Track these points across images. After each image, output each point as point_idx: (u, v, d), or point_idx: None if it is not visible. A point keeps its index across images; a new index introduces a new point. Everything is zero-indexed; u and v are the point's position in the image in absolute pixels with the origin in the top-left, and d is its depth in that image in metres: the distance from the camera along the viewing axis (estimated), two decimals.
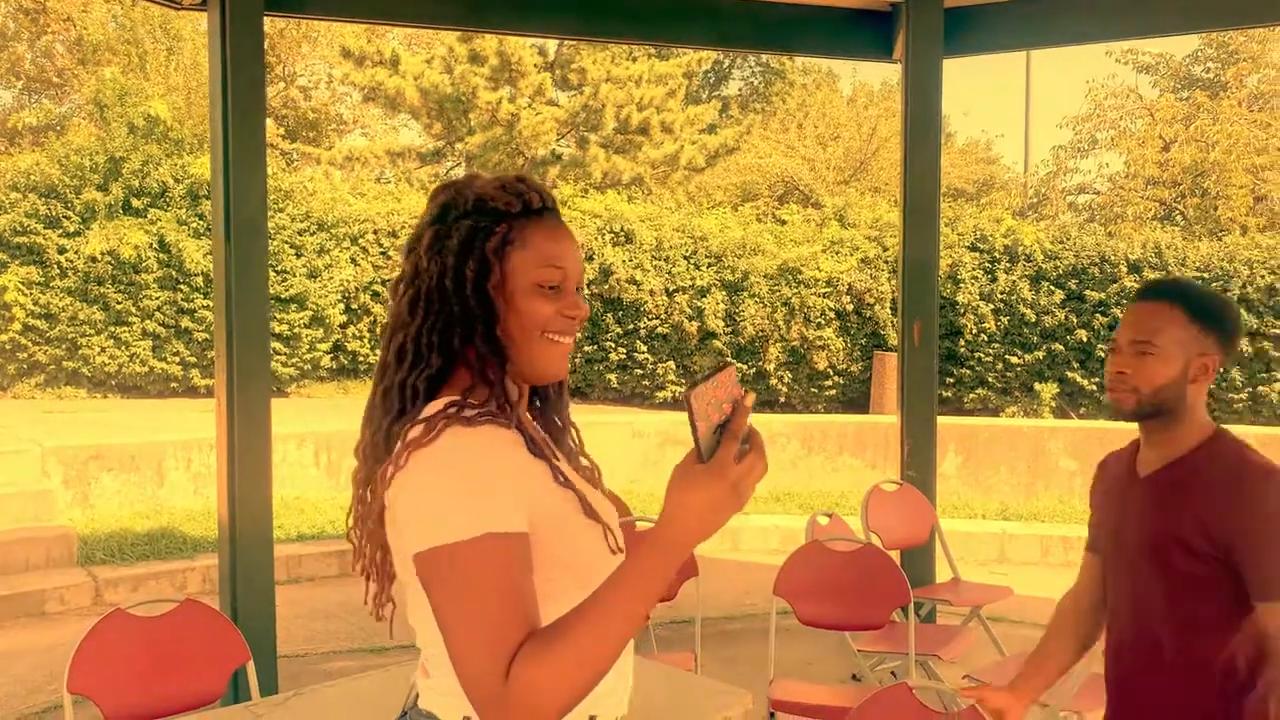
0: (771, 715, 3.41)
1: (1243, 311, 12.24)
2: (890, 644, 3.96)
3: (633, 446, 9.57)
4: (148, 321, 11.93)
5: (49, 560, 6.59)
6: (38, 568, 6.52)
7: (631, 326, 13.10)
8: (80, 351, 11.83)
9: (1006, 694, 2.11)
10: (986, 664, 3.98)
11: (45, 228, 11.76)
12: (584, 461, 1.52)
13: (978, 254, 13.06)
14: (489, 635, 1.18)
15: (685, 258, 13.31)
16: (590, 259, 13.17)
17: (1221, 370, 12.16)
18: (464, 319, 1.35)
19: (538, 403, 1.52)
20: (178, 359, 12.12)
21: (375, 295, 13.21)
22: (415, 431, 1.28)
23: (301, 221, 12.71)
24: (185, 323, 12.03)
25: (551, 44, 20.95)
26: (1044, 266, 12.80)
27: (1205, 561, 1.84)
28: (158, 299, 11.94)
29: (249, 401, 4.36)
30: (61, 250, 11.76)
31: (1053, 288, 12.63)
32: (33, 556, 6.54)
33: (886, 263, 13.06)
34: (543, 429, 1.50)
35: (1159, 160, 21.15)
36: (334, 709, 2.48)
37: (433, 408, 1.31)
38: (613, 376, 13.26)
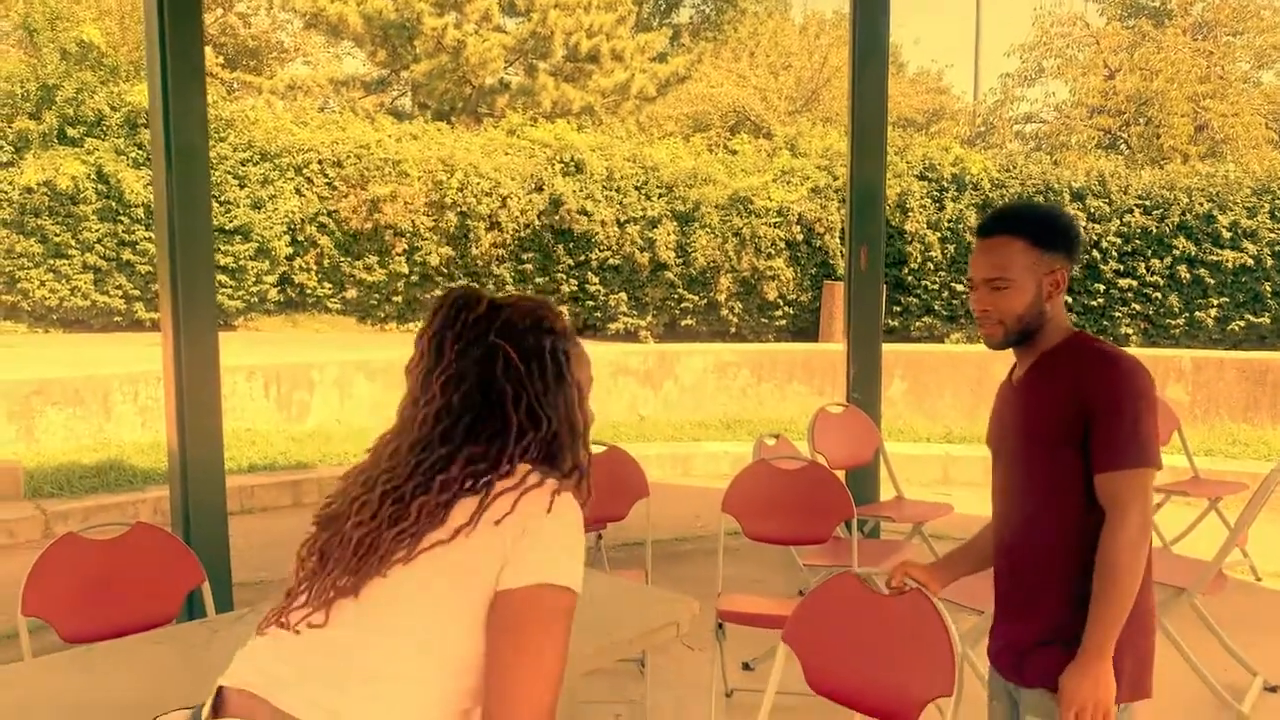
0: (719, 625, 3.52)
1: (1179, 237, 12.51)
2: (834, 558, 4.09)
3: None
4: (88, 254, 11.68)
5: None
6: None
7: (583, 258, 13.07)
8: (19, 285, 11.57)
9: (926, 570, 2.35)
10: None
11: None
12: None
13: (926, 183, 13.17)
14: (559, 673, 1.39)
15: (636, 188, 13.25)
16: (540, 189, 13.07)
17: (1157, 298, 12.49)
18: (568, 420, 1.56)
19: None
20: (120, 292, 11.90)
21: (321, 227, 13.02)
22: (554, 483, 1.47)
23: (244, 151, 12.45)
24: (127, 255, 11.80)
25: None
26: (991, 195, 12.95)
27: (1066, 445, 2.01)
28: (98, 231, 11.68)
29: (195, 330, 4.33)
30: None
31: None
32: None
33: (837, 192, 13.12)
34: None
35: (1103, 89, 21.33)
36: None
37: (529, 469, 1.49)
38: (564, 309, 13.22)
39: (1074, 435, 2.00)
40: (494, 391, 1.49)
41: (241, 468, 7.24)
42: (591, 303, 13.20)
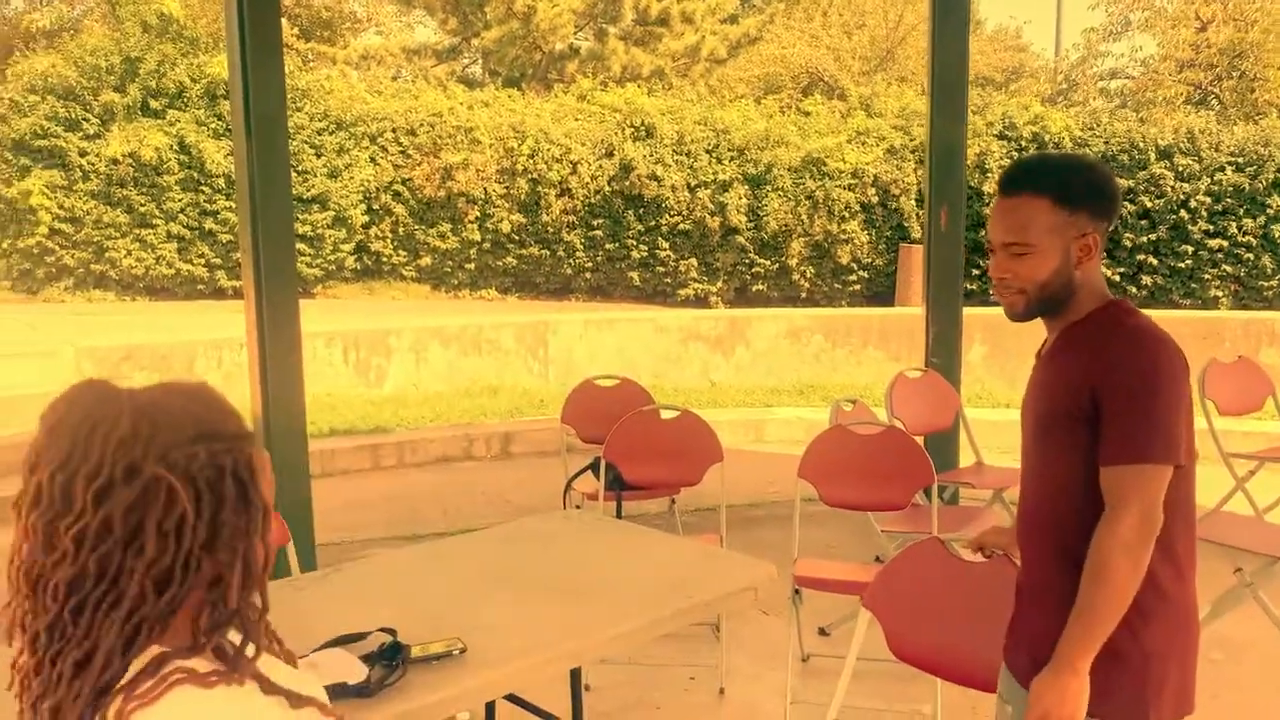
0: (796, 591, 3.50)
1: (1274, 195, 12.01)
2: (913, 524, 4.03)
3: (655, 342, 9.62)
4: (172, 224, 11.98)
5: None
6: None
7: (653, 223, 13.02)
8: (107, 254, 11.92)
9: (1010, 536, 2.20)
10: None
11: (65, 130, 11.74)
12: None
13: (1005, 142, 12.82)
14: None
15: (707, 151, 13.13)
16: (610, 155, 13.03)
17: (1249, 258, 12.03)
18: (244, 562, 1.13)
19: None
20: (203, 261, 12.19)
21: (396, 195, 13.17)
22: (138, 695, 1.06)
23: (320, 121, 12.62)
24: (209, 224, 12.07)
25: None
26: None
27: (1076, 429, 1.79)
28: (181, 201, 11.96)
29: (277, 296, 4.40)
30: (83, 153, 11.76)
31: None
32: None
33: (913, 153, 12.85)
34: None
35: (1194, 41, 20.49)
36: (373, 580, 2.57)
37: (141, 662, 1.08)
38: (634, 274, 13.23)
39: (1084, 419, 1.77)
40: (145, 551, 1.06)
41: (322, 431, 7.38)
42: (662, 268, 13.16)
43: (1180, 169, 12.30)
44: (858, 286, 13.11)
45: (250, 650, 1.13)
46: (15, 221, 11.87)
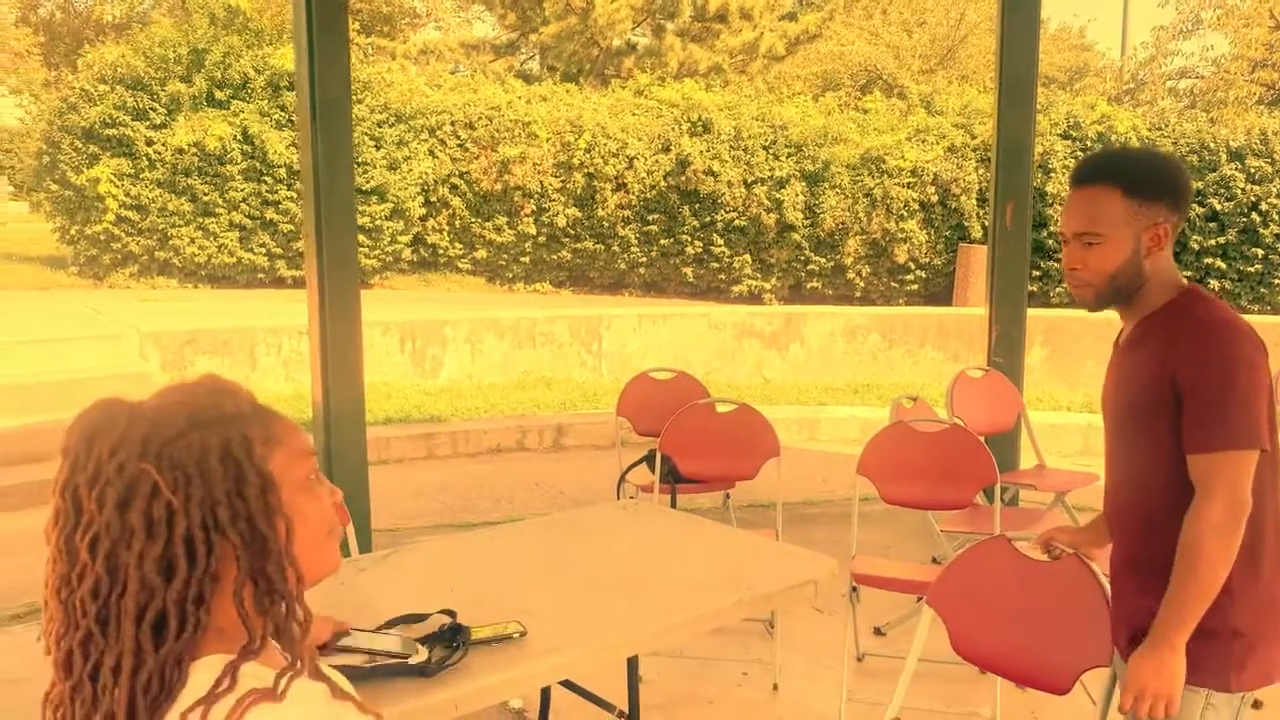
0: (853, 588, 3.45)
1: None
2: (973, 524, 3.96)
3: (709, 337, 9.58)
4: (234, 213, 12.17)
5: None
6: None
7: (708, 219, 12.96)
8: (171, 242, 12.15)
9: (1076, 535, 2.27)
10: None
11: (133, 119, 11.97)
12: None
13: (1070, 142, 12.59)
14: None
15: (764, 148, 13.05)
16: (667, 150, 13.00)
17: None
18: (259, 545, 1.13)
19: None
20: (264, 250, 12.37)
21: (453, 188, 13.27)
22: (230, 703, 1.06)
23: (380, 113, 12.74)
24: (270, 214, 12.24)
25: None
26: None
27: (1160, 417, 1.86)
28: (243, 190, 12.15)
29: (339, 284, 4.44)
30: (149, 142, 11.98)
31: None
32: None
33: (975, 151, 12.66)
34: None
35: (1268, 41, 19.96)
36: (432, 563, 2.57)
37: (209, 675, 1.08)
38: (688, 270, 13.19)
39: (1166, 408, 1.84)
40: (136, 543, 1.08)
41: (378, 420, 7.45)
42: (716, 264, 13.10)
43: (1252, 171, 11.98)
44: (915, 286, 12.94)
45: (298, 627, 1.13)
46: (83, 208, 12.13)
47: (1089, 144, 12.46)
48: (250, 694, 1.07)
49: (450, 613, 2.10)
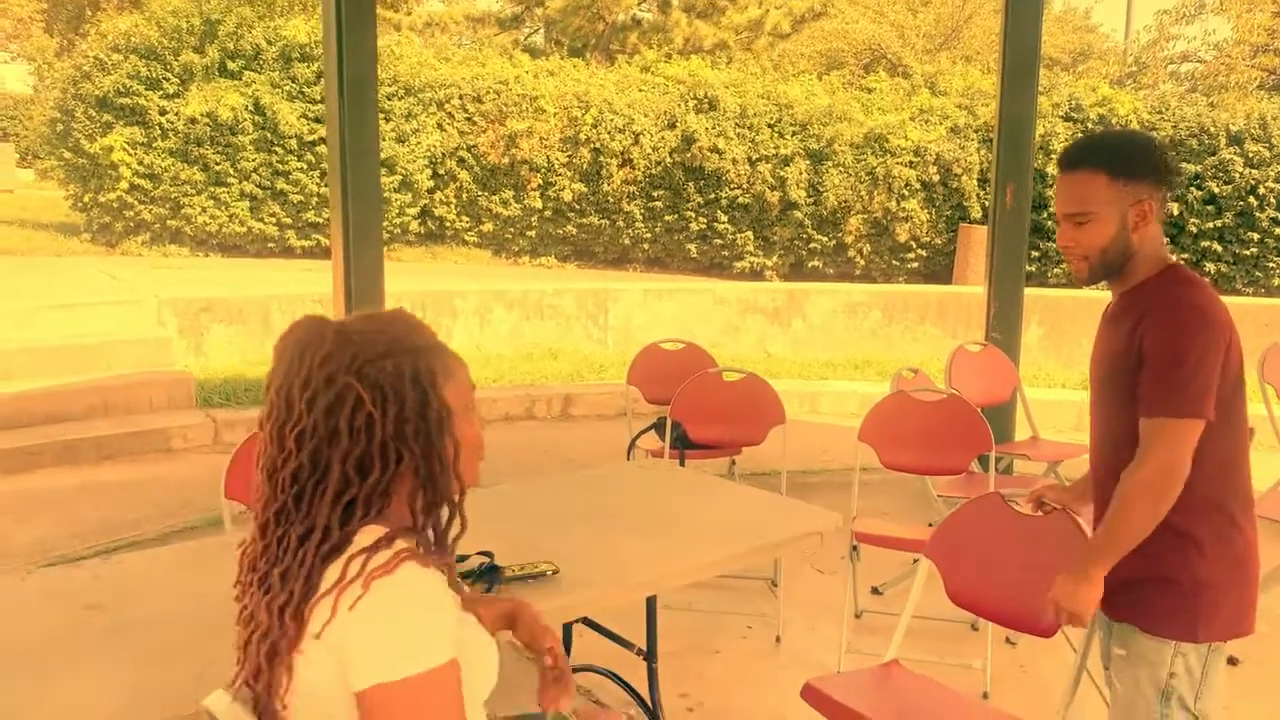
0: (854, 547, 3.66)
1: None
2: (969, 490, 4.15)
3: (714, 312, 9.75)
4: (245, 183, 12.30)
5: (170, 402, 7.05)
6: (160, 408, 7.00)
7: (713, 196, 13.11)
8: (183, 211, 12.29)
9: (1065, 493, 2.44)
10: None
11: (146, 89, 12.08)
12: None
13: (1071, 124, 12.72)
14: None
15: (769, 125, 13.18)
16: (673, 126, 13.12)
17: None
18: (435, 453, 1.37)
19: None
20: (274, 220, 12.52)
21: (460, 161, 13.39)
22: (377, 560, 1.28)
23: (389, 86, 12.84)
24: (281, 184, 12.38)
25: None
26: None
27: (1132, 378, 2.00)
28: (254, 160, 12.28)
29: (363, 252, 4.63)
30: (162, 111, 12.10)
31: None
32: (155, 398, 7.01)
33: (977, 132, 12.80)
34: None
35: (1270, 26, 20.03)
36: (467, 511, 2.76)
37: (370, 537, 1.31)
38: (692, 246, 13.35)
39: (1134, 374, 2.00)
40: (340, 443, 1.32)
41: None
42: (719, 241, 13.26)
43: (1250, 155, 12.13)
44: (915, 265, 13.11)
45: (455, 530, 1.41)
46: (97, 176, 12.26)
47: (1091, 126, 12.60)
48: (404, 551, 1.31)
49: (488, 554, 2.30)
